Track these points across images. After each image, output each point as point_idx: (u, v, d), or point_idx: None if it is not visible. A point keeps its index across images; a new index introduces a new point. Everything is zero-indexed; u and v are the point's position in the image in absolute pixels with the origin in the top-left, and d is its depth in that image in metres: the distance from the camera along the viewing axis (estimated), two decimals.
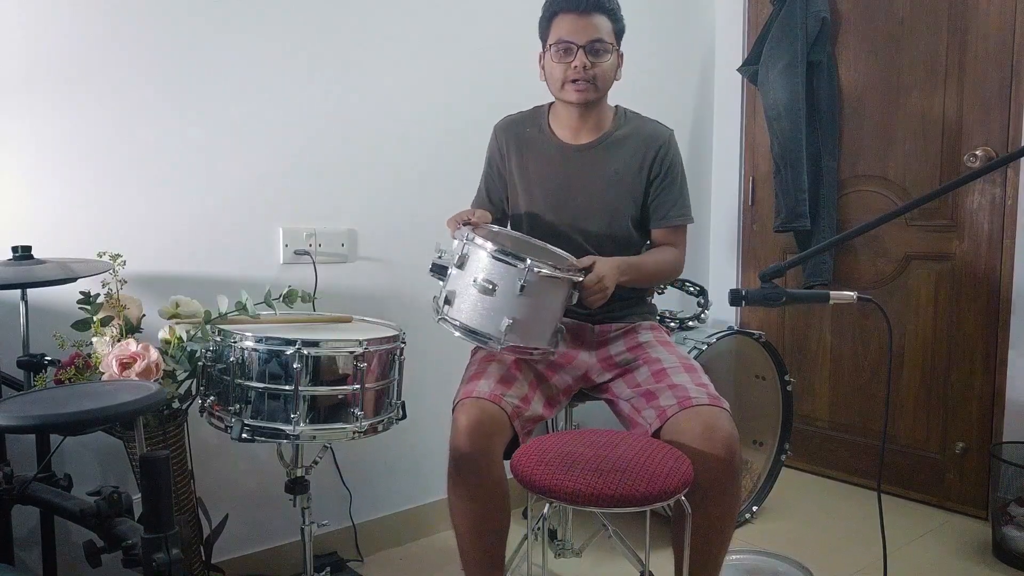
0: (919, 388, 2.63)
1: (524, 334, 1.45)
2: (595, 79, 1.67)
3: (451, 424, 1.48)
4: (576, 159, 1.77)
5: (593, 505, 1.25)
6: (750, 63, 2.89)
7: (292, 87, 2.02)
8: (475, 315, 1.45)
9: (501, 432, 1.47)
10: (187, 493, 1.67)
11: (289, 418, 1.44)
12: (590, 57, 1.65)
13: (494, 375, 1.55)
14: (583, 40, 1.63)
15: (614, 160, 1.76)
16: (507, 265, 1.43)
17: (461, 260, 1.49)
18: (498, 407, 1.48)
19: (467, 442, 1.44)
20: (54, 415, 1.14)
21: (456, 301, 1.48)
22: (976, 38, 2.44)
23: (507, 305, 1.43)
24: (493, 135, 1.86)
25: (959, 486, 2.55)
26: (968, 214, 2.49)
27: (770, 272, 1.35)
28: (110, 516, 1.20)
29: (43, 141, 1.69)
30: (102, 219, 1.76)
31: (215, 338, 1.53)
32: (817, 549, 2.25)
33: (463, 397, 1.51)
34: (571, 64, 1.65)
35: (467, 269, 1.48)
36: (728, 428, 1.46)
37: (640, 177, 1.77)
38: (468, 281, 1.46)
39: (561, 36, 1.65)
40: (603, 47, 1.65)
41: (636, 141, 1.77)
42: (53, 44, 1.68)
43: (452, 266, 1.51)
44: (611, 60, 1.69)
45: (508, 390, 1.52)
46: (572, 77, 1.66)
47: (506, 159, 1.82)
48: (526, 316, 1.44)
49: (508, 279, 1.43)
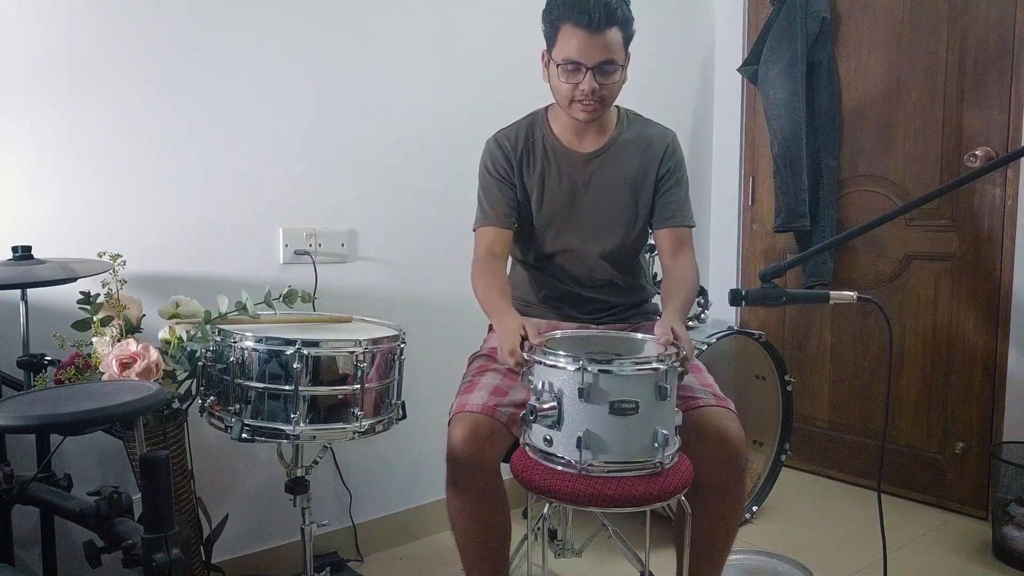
0: (919, 388, 2.63)
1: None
2: (603, 99, 1.59)
3: (447, 437, 1.48)
4: (586, 167, 1.72)
5: (593, 505, 1.25)
6: (750, 63, 2.89)
7: (292, 86, 2.02)
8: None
9: (498, 442, 1.46)
10: (187, 493, 1.67)
11: (289, 418, 1.44)
12: (599, 79, 1.55)
13: (487, 386, 1.53)
14: (593, 62, 1.53)
15: (624, 166, 1.72)
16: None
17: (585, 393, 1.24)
18: (492, 419, 1.45)
19: (462, 455, 1.43)
20: (54, 415, 1.14)
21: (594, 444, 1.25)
22: (976, 37, 2.44)
23: (652, 415, 1.26)
24: (497, 149, 1.74)
25: (959, 486, 2.55)
26: (968, 214, 2.49)
27: (770, 272, 1.35)
28: (110, 516, 1.20)
29: (43, 141, 1.69)
30: (102, 219, 1.77)
31: (215, 338, 1.53)
32: (817, 549, 2.25)
33: (457, 411, 1.49)
34: (578, 86, 1.56)
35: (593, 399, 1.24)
36: (735, 429, 1.46)
37: (649, 180, 1.73)
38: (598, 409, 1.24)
39: (569, 56, 1.54)
40: (613, 67, 1.56)
41: (642, 145, 1.73)
42: (53, 44, 1.68)
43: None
44: (621, 76, 1.60)
45: (502, 399, 1.50)
46: (579, 98, 1.58)
47: (514, 169, 1.73)
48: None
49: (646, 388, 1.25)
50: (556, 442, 1.27)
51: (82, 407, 1.14)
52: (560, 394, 1.26)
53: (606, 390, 1.23)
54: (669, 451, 1.27)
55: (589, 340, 1.47)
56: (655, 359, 1.27)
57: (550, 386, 1.27)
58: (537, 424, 1.29)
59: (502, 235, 1.71)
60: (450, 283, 2.32)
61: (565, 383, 1.25)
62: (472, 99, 2.34)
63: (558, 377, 1.26)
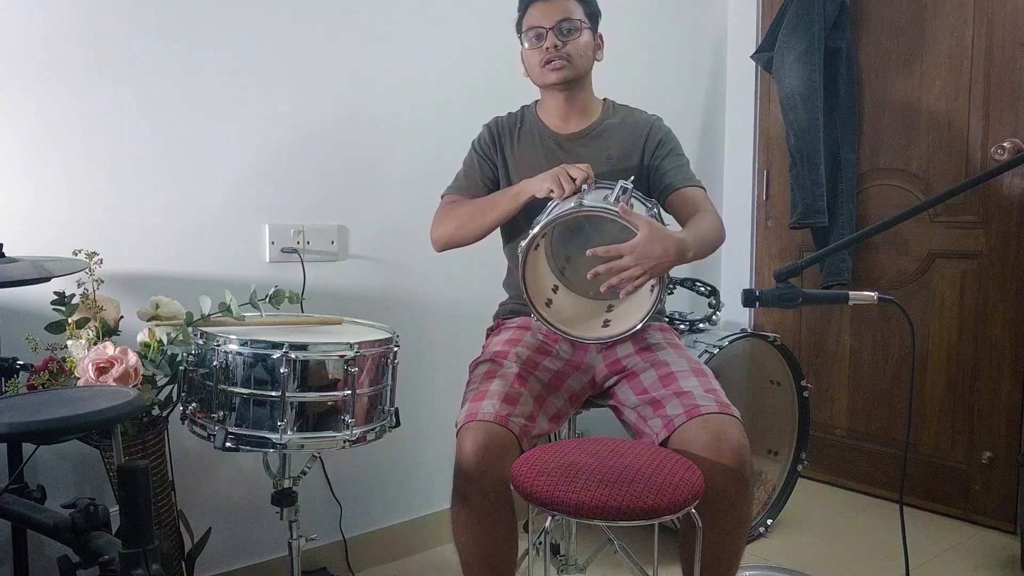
0: (944, 394, 2.63)
1: None
2: (569, 56, 1.75)
3: (456, 447, 1.47)
4: (568, 147, 1.83)
5: (598, 518, 1.25)
6: (764, 49, 2.89)
7: (278, 78, 2.02)
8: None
9: (510, 454, 1.46)
10: (167, 505, 1.68)
11: (276, 426, 1.44)
12: (560, 37, 1.74)
13: (498, 393, 1.54)
14: (551, 22, 1.73)
15: (607, 146, 1.83)
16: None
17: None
18: (506, 429, 1.46)
19: (474, 467, 1.43)
20: (26, 423, 1.14)
21: None
22: (1004, 23, 2.44)
23: None
24: (486, 129, 1.91)
25: (986, 498, 2.55)
26: (996, 209, 2.49)
27: (785, 271, 1.35)
28: (86, 530, 1.20)
29: (16, 134, 1.69)
30: (77, 215, 1.77)
31: (197, 341, 1.53)
32: (835, 565, 2.25)
33: (467, 420, 1.49)
34: (543, 47, 1.75)
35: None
36: (738, 437, 1.46)
37: (633, 158, 1.82)
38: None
39: (531, 23, 1.76)
40: (572, 25, 1.75)
41: (627, 128, 1.85)
42: (27, 34, 1.68)
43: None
44: (584, 38, 1.77)
45: (514, 409, 1.51)
46: (546, 58, 1.75)
47: (498, 148, 1.87)
48: None
49: None
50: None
51: (56, 414, 1.14)
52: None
53: None
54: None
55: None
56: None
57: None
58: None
59: None
60: (445, 283, 2.33)
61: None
62: (466, 91, 2.34)
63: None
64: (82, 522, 1.20)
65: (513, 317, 1.84)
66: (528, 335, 1.76)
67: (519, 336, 1.75)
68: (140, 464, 1.10)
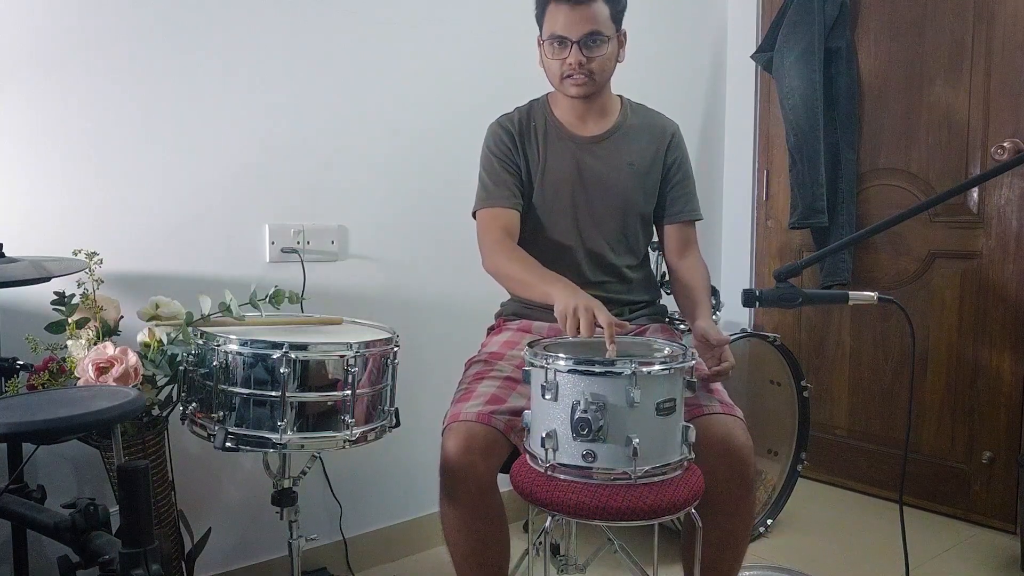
0: (944, 394, 2.64)
1: None
2: (592, 73, 1.67)
3: (440, 448, 1.48)
4: (590, 151, 1.77)
5: (598, 518, 1.25)
6: (764, 49, 2.89)
7: (278, 77, 2.02)
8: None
9: (496, 451, 1.46)
10: (167, 505, 1.67)
11: (276, 426, 1.44)
12: (585, 52, 1.63)
13: (484, 394, 1.54)
14: (577, 35, 1.62)
15: (628, 152, 1.78)
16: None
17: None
18: (489, 427, 1.45)
19: (456, 466, 1.43)
20: (26, 423, 1.14)
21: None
22: (1004, 23, 2.44)
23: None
24: (501, 130, 1.79)
25: (986, 498, 2.55)
26: (995, 209, 2.49)
27: (785, 271, 1.35)
28: (86, 530, 1.20)
29: (16, 134, 1.69)
30: (77, 215, 1.76)
31: (197, 341, 1.53)
32: (835, 565, 2.25)
33: (450, 420, 1.49)
34: (565, 60, 1.65)
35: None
36: (742, 438, 1.46)
37: (654, 169, 1.80)
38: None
39: (555, 31, 1.64)
40: (599, 39, 1.64)
41: (648, 133, 1.81)
42: (26, 34, 1.68)
43: None
44: (609, 49, 1.67)
45: (499, 407, 1.50)
46: (567, 72, 1.66)
47: (519, 149, 1.78)
48: None
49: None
50: (601, 455, 1.23)
51: (56, 414, 1.14)
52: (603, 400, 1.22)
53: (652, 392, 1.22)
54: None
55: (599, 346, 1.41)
56: (683, 355, 1.30)
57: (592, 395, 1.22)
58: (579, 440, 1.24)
59: (511, 216, 1.73)
60: (446, 283, 2.33)
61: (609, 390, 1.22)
62: (467, 89, 2.34)
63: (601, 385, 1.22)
64: (82, 522, 1.20)
65: (514, 319, 1.83)
66: (528, 339, 1.75)
67: (518, 339, 1.74)
68: (140, 464, 1.10)
